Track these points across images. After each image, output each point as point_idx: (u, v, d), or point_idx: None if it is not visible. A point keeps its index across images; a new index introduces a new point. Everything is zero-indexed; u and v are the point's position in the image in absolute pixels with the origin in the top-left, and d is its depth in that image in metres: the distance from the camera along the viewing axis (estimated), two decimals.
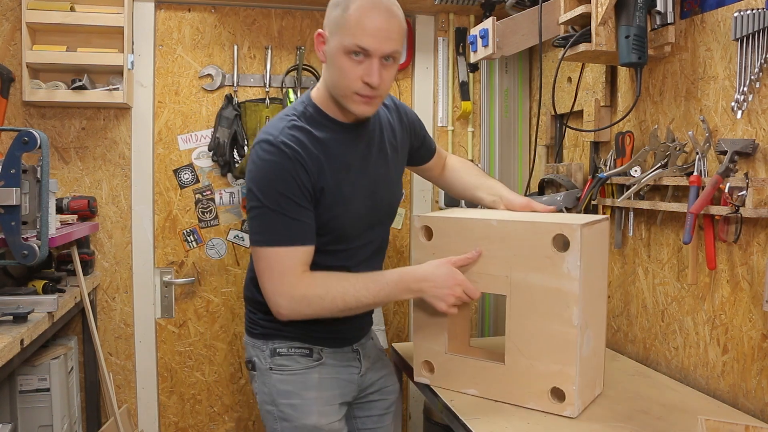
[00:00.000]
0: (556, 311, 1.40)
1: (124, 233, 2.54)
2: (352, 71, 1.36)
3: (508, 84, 2.71)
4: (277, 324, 1.51)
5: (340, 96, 1.41)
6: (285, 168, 1.37)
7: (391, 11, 1.37)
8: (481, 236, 1.49)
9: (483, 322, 2.79)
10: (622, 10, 1.68)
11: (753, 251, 1.52)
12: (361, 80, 1.36)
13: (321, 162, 1.42)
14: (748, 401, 1.54)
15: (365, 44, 1.33)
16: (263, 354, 1.54)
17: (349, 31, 1.33)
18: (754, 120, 1.51)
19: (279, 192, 1.37)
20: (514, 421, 1.42)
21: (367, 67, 1.35)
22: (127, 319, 2.56)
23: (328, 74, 1.42)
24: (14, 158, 1.63)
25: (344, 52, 1.35)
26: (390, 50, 1.36)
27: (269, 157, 1.38)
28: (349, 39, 1.33)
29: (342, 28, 1.34)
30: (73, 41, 2.39)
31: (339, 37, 1.35)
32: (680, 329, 1.78)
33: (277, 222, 1.38)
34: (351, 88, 1.38)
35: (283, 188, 1.37)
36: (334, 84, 1.41)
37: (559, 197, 2.16)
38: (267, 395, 1.53)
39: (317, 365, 1.54)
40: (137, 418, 2.58)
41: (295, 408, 1.49)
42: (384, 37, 1.35)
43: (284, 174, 1.37)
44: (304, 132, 1.42)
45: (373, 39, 1.33)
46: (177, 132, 2.59)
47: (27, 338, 1.64)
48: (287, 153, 1.37)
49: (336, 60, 1.37)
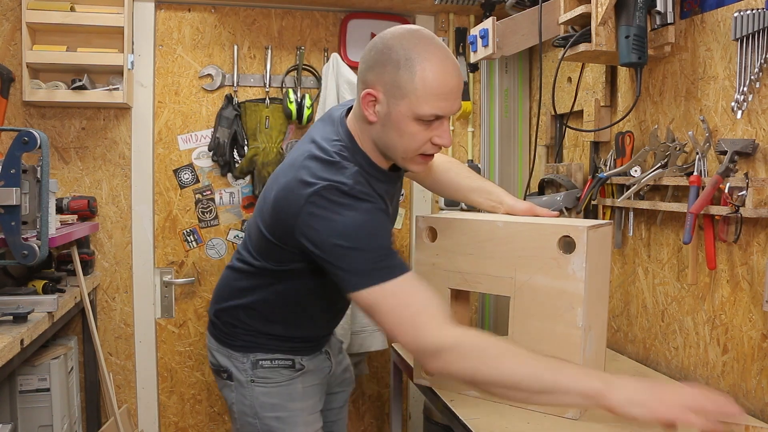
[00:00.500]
0: (561, 312, 1.40)
1: (124, 233, 2.54)
2: (422, 135, 1.26)
3: (508, 84, 2.71)
4: (259, 337, 1.49)
5: (401, 157, 1.31)
6: (371, 212, 1.25)
7: (457, 66, 1.26)
8: (487, 237, 1.49)
9: (483, 322, 2.79)
10: (622, 10, 1.68)
11: (753, 251, 1.52)
12: (431, 142, 1.28)
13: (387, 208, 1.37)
14: (748, 401, 1.54)
15: (441, 111, 1.24)
16: (243, 366, 1.49)
17: (422, 99, 1.21)
18: (754, 120, 1.51)
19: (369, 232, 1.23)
20: (515, 421, 1.42)
21: (438, 128, 1.27)
22: (127, 319, 2.56)
23: (386, 135, 1.28)
24: (14, 158, 1.63)
25: (414, 118, 1.24)
26: (459, 108, 1.30)
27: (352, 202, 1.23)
28: (423, 108, 1.22)
29: (411, 93, 1.21)
30: (73, 41, 2.39)
31: (407, 103, 1.22)
32: (680, 329, 1.78)
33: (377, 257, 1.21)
34: (419, 150, 1.29)
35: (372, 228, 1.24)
36: (394, 146, 1.29)
37: (559, 197, 2.16)
38: (249, 407, 1.49)
39: (300, 375, 1.52)
40: (137, 418, 2.58)
41: (281, 420, 1.47)
42: (455, 98, 1.26)
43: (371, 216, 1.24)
44: (365, 177, 1.31)
45: (447, 103, 1.24)
46: (177, 132, 2.59)
47: (27, 338, 1.64)
48: (369, 199, 1.25)
49: (401, 125, 1.25)
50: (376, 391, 2.86)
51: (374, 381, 2.85)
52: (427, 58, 1.21)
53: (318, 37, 2.67)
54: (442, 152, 1.53)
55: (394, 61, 1.23)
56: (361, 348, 2.58)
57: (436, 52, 1.23)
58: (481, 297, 2.77)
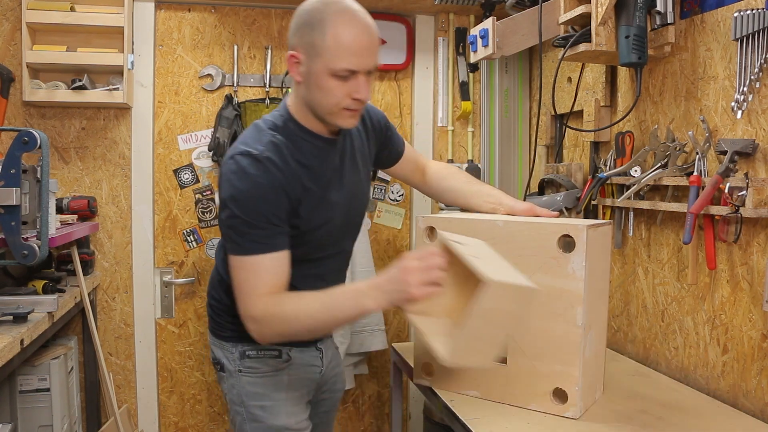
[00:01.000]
0: (561, 312, 1.40)
1: (124, 233, 2.55)
2: (340, 90, 1.36)
3: (508, 84, 2.71)
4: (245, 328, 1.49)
5: (326, 113, 1.41)
6: (268, 187, 1.36)
7: (368, 25, 1.36)
8: (486, 237, 1.49)
9: None
10: (622, 10, 1.68)
11: (753, 251, 1.52)
12: (350, 97, 1.37)
13: (301, 178, 1.41)
14: (748, 401, 1.54)
15: (354, 66, 1.34)
16: (232, 356, 1.54)
17: (334, 56, 1.32)
18: (754, 120, 1.51)
19: (257, 207, 1.35)
20: (515, 421, 1.42)
21: (354, 84, 1.36)
22: (127, 319, 2.56)
23: (309, 93, 1.40)
24: (14, 158, 1.63)
25: (331, 74, 1.34)
26: (373, 64, 1.38)
27: (253, 171, 1.35)
28: (336, 63, 1.33)
29: (324, 51, 1.33)
30: (73, 41, 2.39)
31: (322, 61, 1.33)
32: (680, 329, 1.78)
33: (255, 232, 1.35)
34: (340, 105, 1.38)
35: (263, 205, 1.35)
36: (318, 103, 1.40)
37: (559, 197, 2.16)
38: (236, 396, 1.54)
39: (286, 366, 1.55)
40: (137, 418, 2.58)
41: (265, 409, 1.52)
42: (368, 54, 1.35)
43: (267, 193, 1.36)
44: (286, 148, 1.41)
45: (359, 59, 1.34)
46: (177, 132, 2.59)
47: (27, 338, 1.64)
48: (271, 169, 1.36)
49: (321, 81, 1.36)
50: (376, 391, 2.86)
51: (374, 381, 2.85)
52: (339, 18, 1.33)
53: None
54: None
55: (310, 24, 1.35)
56: (361, 348, 2.58)
57: (348, 12, 1.35)
58: None
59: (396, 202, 2.81)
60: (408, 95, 2.79)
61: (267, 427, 1.51)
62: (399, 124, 2.78)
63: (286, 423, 1.52)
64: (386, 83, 2.76)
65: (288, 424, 1.52)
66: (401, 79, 2.77)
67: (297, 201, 1.40)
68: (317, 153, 1.46)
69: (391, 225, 2.82)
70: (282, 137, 1.42)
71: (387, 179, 2.79)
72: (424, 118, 2.77)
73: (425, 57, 2.75)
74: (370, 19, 1.37)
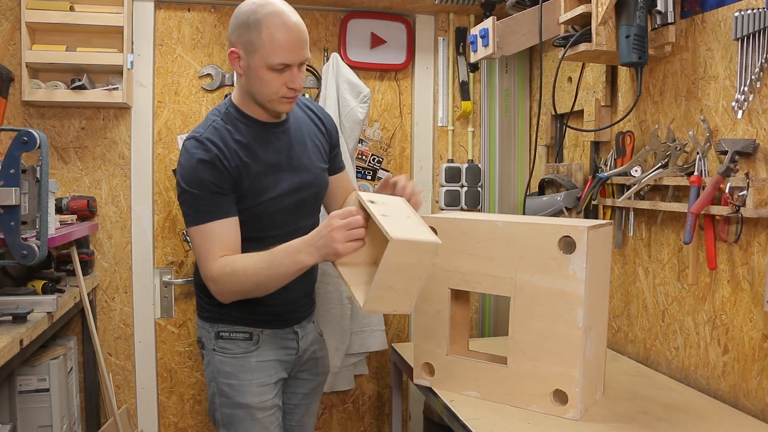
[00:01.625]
0: (561, 313, 1.40)
1: (124, 233, 2.54)
2: (276, 81, 1.54)
3: (509, 84, 2.71)
4: (222, 308, 1.65)
5: (266, 101, 1.58)
6: (208, 161, 1.54)
7: (298, 24, 1.54)
8: (487, 237, 1.49)
9: (483, 322, 2.79)
10: (623, 10, 1.67)
11: (754, 251, 1.51)
12: (286, 86, 1.55)
13: (241, 157, 1.57)
14: (749, 401, 1.54)
15: (287, 60, 1.52)
16: (209, 335, 1.70)
17: (269, 52, 1.50)
18: (754, 120, 1.50)
19: (201, 179, 1.53)
20: (515, 421, 1.42)
21: (288, 75, 1.54)
22: (126, 319, 2.56)
23: (250, 84, 1.57)
24: (13, 158, 1.62)
25: (268, 68, 1.52)
26: (305, 57, 1.56)
27: (195, 150, 1.54)
28: (271, 59, 1.51)
29: (260, 49, 1.50)
30: (73, 41, 2.39)
31: (259, 57, 1.51)
32: (681, 329, 1.78)
33: (203, 203, 1.54)
34: (278, 94, 1.56)
35: (204, 175, 1.53)
36: (257, 92, 1.57)
37: (560, 197, 2.16)
38: (210, 373, 1.70)
39: (255, 349, 1.68)
40: (137, 418, 2.58)
41: (233, 387, 1.66)
42: (299, 49, 1.54)
43: (207, 164, 1.53)
44: (226, 130, 1.59)
45: (291, 54, 1.52)
46: (177, 132, 2.58)
47: (26, 338, 1.64)
48: (210, 147, 1.54)
49: (259, 75, 1.53)
50: (376, 391, 2.86)
51: (374, 381, 2.85)
52: (273, 19, 1.50)
53: (318, 36, 2.67)
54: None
55: (246, 24, 1.52)
56: (361, 348, 2.58)
57: (280, 13, 1.52)
58: (481, 297, 2.77)
59: None
60: (408, 95, 2.78)
61: (233, 403, 1.66)
62: (399, 124, 2.78)
63: (251, 401, 1.65)
64: (386, 83, 2.76)
65: (252, 403, 1.65)
66: (401, 78, 2.77)
67: (237, 174, 1.56)
68: (255, 134, 1.62)
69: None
70: (222, 122, 1.61)
71: None
72: (424, 117, 2.77)
73: (425, 57, 2.74)
74: (299, 18, 1.56)
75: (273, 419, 1.69)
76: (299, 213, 1.70)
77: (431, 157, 2.76)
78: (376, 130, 2.76)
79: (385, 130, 2.77)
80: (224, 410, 1.67)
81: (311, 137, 1.75)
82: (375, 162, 2.76)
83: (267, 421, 1.67)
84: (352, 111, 2.44)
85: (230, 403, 1.66)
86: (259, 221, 1.62)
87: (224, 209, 1.56)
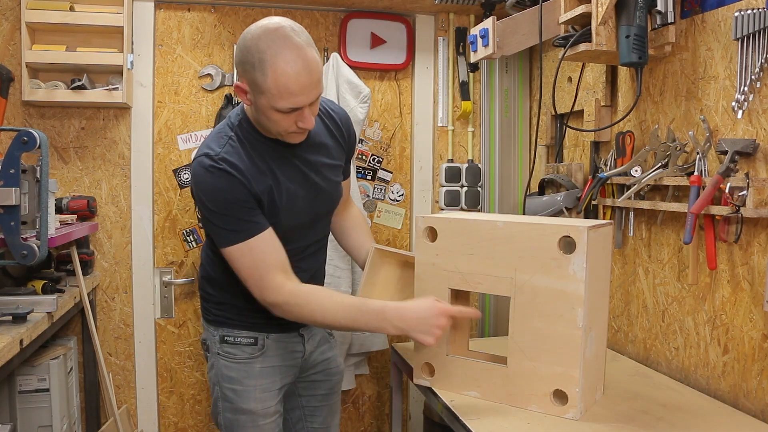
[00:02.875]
0: (561, 313, 1.40)
1: (124, 233, 2.54)
2: (286, 121, 1.43)
3: (508, 84, 2.71)
4: (227, 313, 1.65)
5: (275, 135, 1.50)
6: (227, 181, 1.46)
7: (309, 62, 1.38)
8: (487, 237, 1.49)
9: (483, 322, 2.79)
10: (623, 10, 1.67)
11: (754, 251, 1.51)
12: (296, 125, 1.45)
13: (257, 176, 1.49)
14: (749, 401, 1.54)
15: (296, 104, 1.39)
16: (214, 339, 1.67)
17: (276, 96, 1.37)
18: (754, 120, 1.50)
19: (226, 199, 1.46)
20: (515, 421, 1.42)
21: (299, 115, 1.43)
22: (126, 319, 2.56)
23: (259, 118, 1.48)
24: (13, 158, 1.62)
25: (275, 110, 1.41)
26: (316, 96, 1.43)
27: (214, 170, 1.46)
28: (278, 103, 1.38)
29: (267, 92, 1.38)
30: (73, 41, 2.39)
31: (266, 98, 1.39)
32: (681, 329, 1.78)
33: (236, 220, 1.47)
34: (288, 130, 1.46)
35: (229, 195, 1.46)
36: (265, 127, 1.49)
37: (560, 197, 2.16)
38: (214, 376, 1.67)
39: (260, 354, 1.65)
40: (137, 418, 2.58)
41: (236, 393, 1.63)
42: (309, 90, 1.40)
43: (228, 186, 1.46)
44: (242, 148, 1.50)
45: (300, 97, 1.39)
46: (177, 132, 2.58)
47: (26, 338, 1.64)
48: (229, 171, 1.46)
49: (267, 114, 1.43)
50: (376, 391, 2.86)
51: (374, 381, 2.85)
52: (278, 59, 1.35)
53: (318, 36, 2.67)
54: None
55: (251, 63, 1.38)
56: (361, 348, 2.58)
57: (286, 52, 1.35)
58: (481, 297, 2.76)
59: (396, 202, 2.81)
60: (408, 95, 2.78)
61: (235, 408, 1.63)
62: (399, 124, 2.78)
63: (254, 407, 1.62)
64: (386, 83, 2.76)
65: (255, 409, 1.62)
66: (401, 78, 2.77)
67: (257, 192, 1.49)
68: (271, 152, 1.54)
69: (391, 225, 2.81)
70: (237, 138, 1.51)
71: (387, 179, 2.79)
72: (424, 118, 2.77)
73: (425, 57, 2.74)
74: (311, 54, 1.39)
75: (274, 426, 1.67)
76: (314, 228, 1.67)
77: (431, 157, 2.76)
78: (376, 130, 2.76)
79: (385, 130, 2.77)
80: (227, 415, 1.65)
81: (329, 151, 1.66)
82: (375, 162, 2.76)
83: (269, 428, 1.65)
84: (352, 111, 2.44)
85: (233, 408, 1.63)
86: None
87: (259, 221, 1.48)
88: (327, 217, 1.72)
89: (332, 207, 1.72)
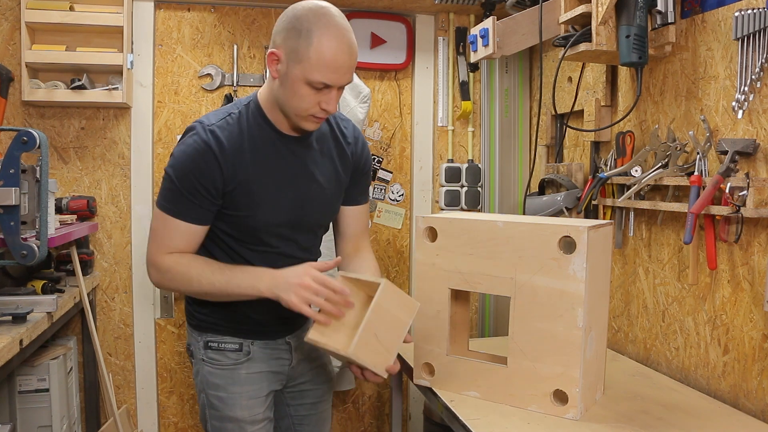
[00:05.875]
0: (561, 313, 1.40)
1: (124, 233, 2.54)
2: (311, 98, 1.41)
3: (509, 84, 2.71)
4: (210, 317, 1.59)
5: (293, 114, 1.45)
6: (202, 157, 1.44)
7: (352, 45, 1.41)
8: (487, 237, 1.49)
9: (483, 322, 2.79)
10: (623, 10, 1.67)
11: (754, 251, 1.51)
12: (319, 106, 1.42)
13: (243, 161, 1.46)
14: (749, 401, 1.53)
15: (330, 81, 1.39)
16: (198, 344, 1.62)
17: (314, 67, 1.37)
18: (755, 120, 1.50)
19: (187, 171, 1.44)
20: (515, 421, 1.42)
21: (326, 95, 1.42)
22: (126, 319, 2.56)
23: (282, 92, 1.44)
24: (13, 158, 1.62)
25: (306, 83, 1.39)
26: (348, 81, 1.43)
27: (195, 140, 1.45)
28: (314, 75, 1.37)
29: (305, 60, 1.37)
30: (73, 41, 2.39)
31: (301, 68, 1.38)
32: (681, 329, 1.78)
33: (179, 197, 1.45)
34: (308, 111, 1.43)
35: (192, 168, 1.44)
36: (288, 103, 1.44)
37: (560, 197, 2.16)
38: (200, 383, 1.63)
39: (245, 361, 1.60)
40: (137, 418, 2.58)
41: (222, 400, 1.58)
42: (346, 72, 1.41)
43: (200, 157, 1.43)
44: (238, 127, 1.48)
45: (336, 75, 1.39)
46: (177, 132, 2.58)
47: (26, 338, 1.64)
48: (210, 144, 1.44)
49: (295, 86, 1.40)
50: (376, 391, 2.86)
51: None
52: (325, 33, 1.37)
53: None
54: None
55: (297, 30, 1.38)
56: None
57: (336, 29, 1.39)
58: (481, 297, 2.76)
59: (396, 202, 2.81)
60: (408, 95, 2.78)
61: (222, 416, 1.59)
62: (399, 124, 2.78)
63: (240, 415, 1.58)
64: (386, 83, 2.76)
65: (241, 416, 1.58)
66: (401, 78, 2.77)
67: (231, 175, 1.45)
68: (268, 142, 1.51)
69: (391, 225, 2.81)
70: (238, 116, 1.49)
71: (387, 179, 2.79)
72: (424, 117, 2.77)
73: (425, 57, 2.74)
74: (354, 39, 1.43)
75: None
76: (296, 235, 1.58)
77: (431, 157, 2.76)
78: (376, 130, 2.76)
79: (385, 130, 2.77)
80: (214, 423, 1.60)
81: (331, 160, 1.60)
82: (375, 162, 2.76)
83: None
84: (352, 111, 2.44)
85: (219, 416, 1.59)
86: (246, 230, 1.52)
87: (196, 214, 1.47)
88: (314, 230, 1.64)
89: (321, 220, 1.64)
